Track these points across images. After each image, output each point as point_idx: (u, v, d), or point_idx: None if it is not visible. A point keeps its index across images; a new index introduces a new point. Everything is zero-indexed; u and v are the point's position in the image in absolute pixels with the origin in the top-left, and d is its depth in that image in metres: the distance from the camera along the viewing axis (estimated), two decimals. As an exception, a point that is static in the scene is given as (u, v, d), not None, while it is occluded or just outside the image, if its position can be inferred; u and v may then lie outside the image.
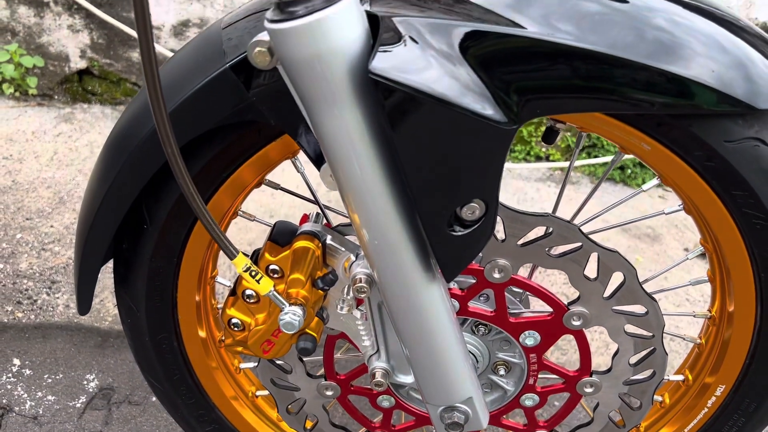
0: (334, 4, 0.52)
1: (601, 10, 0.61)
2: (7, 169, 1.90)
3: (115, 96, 2.23)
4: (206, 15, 2.06)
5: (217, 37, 0.69)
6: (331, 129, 0.58)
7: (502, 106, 0.57)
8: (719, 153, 0.66)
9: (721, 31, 0.63)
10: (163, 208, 0.76)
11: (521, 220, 0.71)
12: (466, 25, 0.57)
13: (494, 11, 0.59)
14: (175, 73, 0.69)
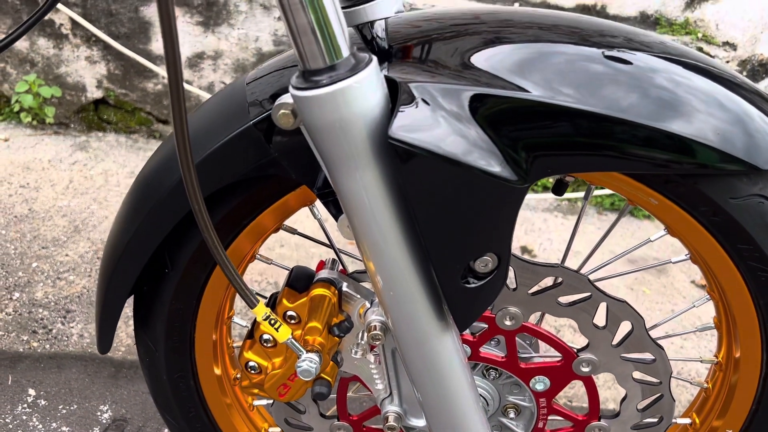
0: (357, 74, 0.55)
1: (604, 72, 0.64)
2: (24, 197, 1.93)
3: (130, 125, 2.27)
4: (221, 47, 2.11)
5: (242, 92, 0.72)
6: (351, 187, 0.60)
7: (512, 164, 0.60)
8: (724, 209, 0.68)
9: (720, 89, 0.65)
10: (185, 254, 0.79)
11: (532, 270, 0.73)
12: (474, 90, 0.60)
13: (500, 76, 0.61)
14: (201, 126, 0.72)
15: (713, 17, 2.16)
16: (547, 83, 0.61)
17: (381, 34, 0.70)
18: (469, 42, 0.66)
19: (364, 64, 0.56)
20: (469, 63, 0.63)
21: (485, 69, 0.62)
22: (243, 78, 0.75)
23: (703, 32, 2.17)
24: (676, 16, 2.16)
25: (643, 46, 0.67)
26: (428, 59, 0.64)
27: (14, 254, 1.72)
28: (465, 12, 0.71)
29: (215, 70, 2.16)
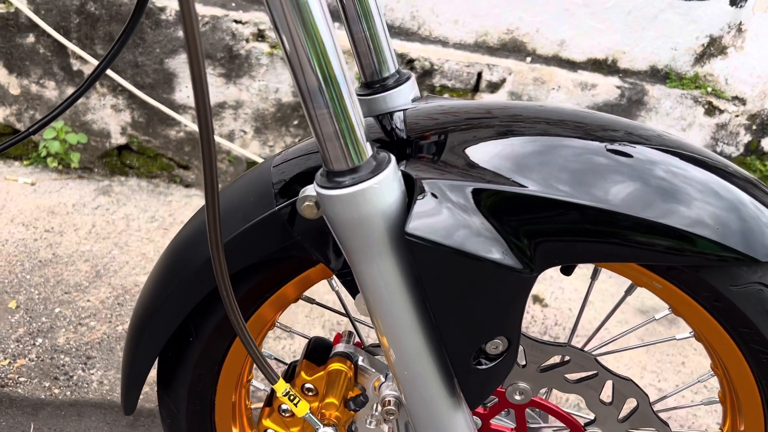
0: (378, 175, 0.59)
1: (607, 165, 0.67)
2: (49, 241, 1.99)
3: (151, 170, 2.34)
4: (242, 98, 2.18)
5: (269, 175, 0.77)
6: (368, 273, 0.64)
7: (517, 252, 0.64)
8: (725, 296, 0.71)
9: (714, 179, 0.69)
10: (209, 324, 0.83)
11: (540, 349, 0.77)
12: (478, 185, 0.64)
13: (501, 173, 0.65)
14: (230, 207, 0.76)
15: (722, 72, 2.20)
16: (545, 178, 0.65)
17: (400, 126, 0.75)
18: (480, 136, 0.71)
19: (384, 165, 0.61)
20: (477, 159, 0.67)
21: (490, 165, 0.66)
22: (270, 161, 0.80)
23: (712, 87, 2.21)
24: (685, 70, 2.21)
25: (643, 139, 0.71)
26: (442, 155, 0.68)
27: (38, 299, 1.77)
28: (479, 106, 0.75)
29: (236, 119, 2.23)
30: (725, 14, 2.11)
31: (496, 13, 2.14)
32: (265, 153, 2.30)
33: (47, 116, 0.92)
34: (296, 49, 0.55)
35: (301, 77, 0.57)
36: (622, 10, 2.11)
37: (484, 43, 2.19)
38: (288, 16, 0.53)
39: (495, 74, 2.14)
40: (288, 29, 0.54)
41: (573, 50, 2.19)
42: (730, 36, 2.14)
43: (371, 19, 0.79)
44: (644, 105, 2.18)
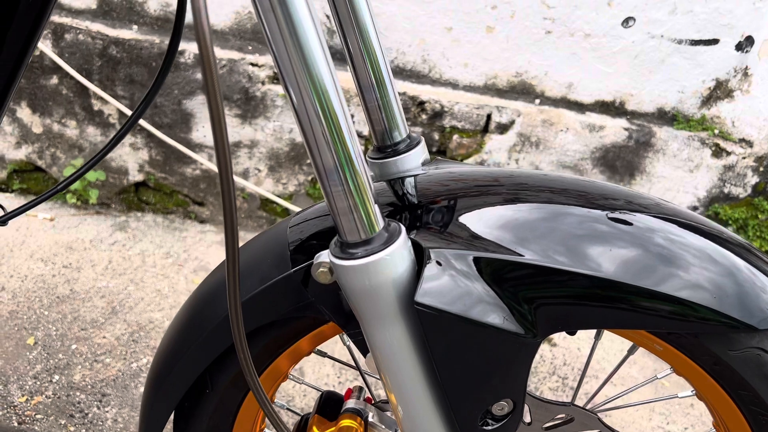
0: (389, 246, 0.63)
1: (608, 233, 0.70)
2: (67, 277, 2.04)
3: (167, 206, 2.39)
4: (257, 137, 2.23)
5: (284, 236, 0.80)
6: (378, 336, 0.67)
7: (519, 319, 0.67)
8: (724, 360, 0.73)
9: (710, 245, 0.71)
10: (225, 377, 0.86)
11: (545, 408, 0.79)
12: (480, 255, 0.67)
13: (502, 243, 0.68)
14: (248, 267, 0.80)
15: (729, 115, 2.24)
16: (544, 246, 0.68)
17: (411, 191, 0.79)
18: (488, 203, 0.74)
19: (396, 236, 0.64)
20: (482, 227, 0.70)
21: (494, 233, 0.69)
22: (287, 221, 0.84)
23: (719, 129, 2.24)
24: (692, 112, 2.25)
25: (642, 207, 0.74)
26: (449, 223, 0.72)
27: (55, 336, 1.81)
28: (486, 174, 0.79)
29: (251, 157, 2.28)
30: (731, 59, 2.15)
31: (505, 57, 2.19)
32: (278, 191, 2.34)
33: (82, 168, 0.97)
34: (314, 133, 0.59)
35: (318, 158, 0.61)
36: (629, 54, 2.15)
37: (494, 86, 2.24)
38: (307, 104, 0.57)
39: (504, 116, 2.19)
40: (307, 117, 0.58)
41: (581, 92, 2.23)
42: (736, 80, 2.18)
43: (384, 87, 0.83)
44: (652, 147, 2.22)
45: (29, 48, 0.74)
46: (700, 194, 2.29)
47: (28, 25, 0.71)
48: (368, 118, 0.86)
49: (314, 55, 0.56)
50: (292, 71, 0.56)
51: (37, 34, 0.74)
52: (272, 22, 0.55)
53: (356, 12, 0.79)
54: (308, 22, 0.55)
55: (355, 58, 0.81)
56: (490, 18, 2.12)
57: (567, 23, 2.11)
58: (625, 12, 2.09)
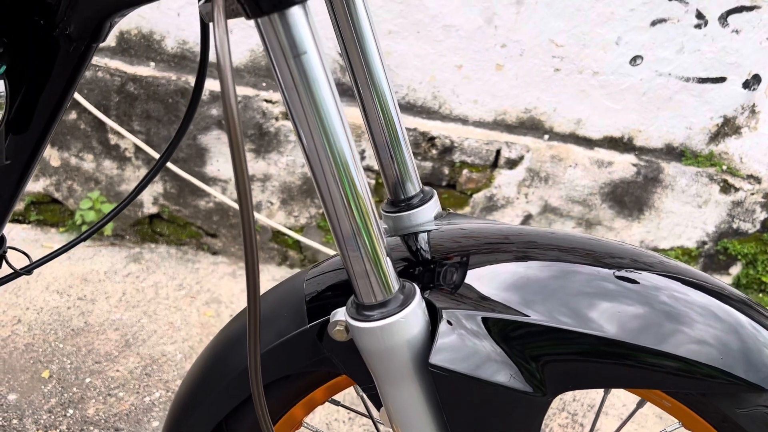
0: (404, 309, 0.65)
1: (615, 291, 0.72)
2: (81, 310, 2.07)
3: (181, 237, 2.42)
4: (270, 171, 2.27)
5: (301, 289, 0.83)
6: (392, 394, 0.69)
7: (528, 377, 0.68)
8: (731, 418, 0.75)
9: (714, 302, 0.73)
10: (242, 426, 0.88)
11: (556, 461, 0.80)
12: (489, 315, 0.69)
13: (511, 301, 0.71)
14: (264, 321, 0.82)
15: (737, 151, 2.26)
16: (551, 306, 0.70)
17: (425, 247, 0.81)
18: (499, 260, 0.77)
19: (410, 298, 0.66)
20: (492, 286, 0.72)
21: (503, 292, 0.71)
22: (304, 273, 0.86)
23: (727, 165, 2.26)
24: (700, 148, 2.27)
25: (647, 266, 0.76)
26: (461, 282, 0.74)
27: (70, 369, 1.83)
28: (497, 231, 0.81)
29: (264, 191, 2.32)
30: (738, 96, 2.17)
31: (514, 94, 2.22)
32: (290, 223, 2.37)
33: (110, 213, 1.00)
34: (333, 202, 0.62)
35: (336, 225, 0.63)
36: (636, 91, 2.18)
37: (503, 121, 2.28)
38: (327, 176, 0.60)
39: (513, 151, 2.21)
40: (327, 187, 0.61)
41: (589, 128, 2.26)
42: (743, 117, 2.20)
43: (398, 145, 0.86)
44: (660, 182, 2.23)
45: (65, 99, 0.77)
46: (709, 229, 2.30)
47: (65, 77, 0.75)
48: (383, 173, 0.89)
49: (335, 130, 0.59)
50: (314, 144, 0.59)
51: (74, 86, 0.77)
52: (296, 100, 0.58)
53: (372, 74, 0.82)
54: (329, 98, 0.58)
55: (371, 118, 0.84)
56: (500, 56, 2.16)
57: (575, 61, 2.15)
58: (632, 51, 2.12)
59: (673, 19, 2.07)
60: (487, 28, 2.12)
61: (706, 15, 2.06)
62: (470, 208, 2.31)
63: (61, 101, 0.77)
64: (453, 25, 2.11)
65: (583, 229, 2.32)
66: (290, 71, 0.57)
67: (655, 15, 2.07)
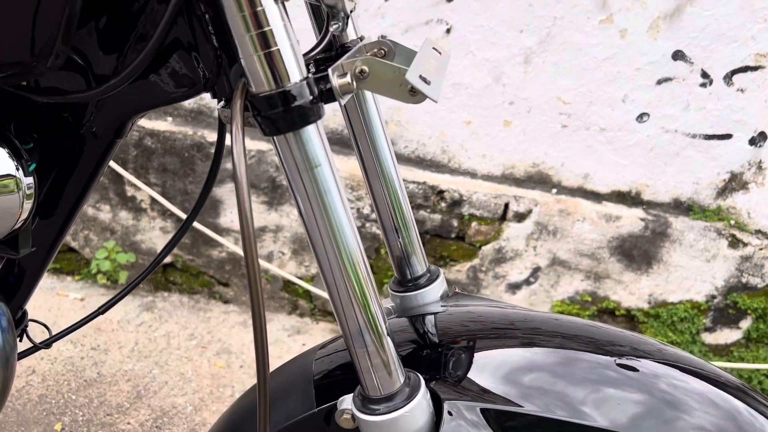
0: (410, 402, 0.68)
1: (616, 379, 0.74)
2: (94, 360, 2.09)
3: (193, 286, 2.46)
4: (281, 223, 2.31)
5: (310, 370, 0.85)
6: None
7: None
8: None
9: (711, 389, 0.75)
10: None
11: None
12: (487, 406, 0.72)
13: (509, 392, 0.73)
14: (272, 400, 0.85)
15: (745, 206, 2.27)
16: (549, 396, 0.72)
17: (432, 330, 0.84)
18: (504, 345, 0.79)
19: (416, 391, 0.69)
20: (495, 379, 0.74)
21: (501, 388, 0.73)
22: (312, 354, 0.89)
23: (735, 219, 2.28)
24: (708, 203, 2.29)
25: (646, 354, 0.78)
26: (467, 371, 0.76)
27: (82, 421, 1.85)
28: (503, 316, 0.84)
29: (275, 241, 2.35)
30: (745, 152, 2.20)
31: (522, 149, 2.26)
32: (301, 273, 2.40)
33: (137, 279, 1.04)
34: (342, 304, 0.65)
35: (345, 321, 0.66)
36: (644, 147, 2.21)
37: (511, 175, 2.31)
38: (336, 276, 0.63)
39: (522, 205, 2.24)
40: (336, 285, 0.64)
41: (597, 182, 2.29)
42: (750, 173, 2.23)
43: (406, 227, 0.89)
44: (668, 237, 2.25)
45: (89, 188, 0.81)
46: (717, 283, 2.31)
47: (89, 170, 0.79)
48: (390, 252, 0.92)
49: (346, 237, 0.62)
50: (324, 249, 0.63)
51: (97, 177, 0.81)
52: (308, 209, 0.61)
53: (381, 162, 0.86)
54: (340, 207, 0.62)
55: (380, 204, 0.88)
56: (508, 113, 2.20)
57: (582, 118, 2.19)
58: (639, 108, 2.16)
59: (679, 78, 2.11)
60: (496, 86, 2.17)
61: (711, 74, 2.10)
62: (479, 260, 2.33)
63: (84, 191, 0.81)
64: (462, 83, 2.17)
65: (592, 282, 2.34)
66: (304, 183, 0.61)
67: (661, 74, 2.11)
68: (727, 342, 2.39)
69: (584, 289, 2.35)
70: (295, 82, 0.58)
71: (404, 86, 0.62)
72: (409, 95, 0.62)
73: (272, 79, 0.57)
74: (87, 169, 0.78)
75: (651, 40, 2.07)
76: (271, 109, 0.58)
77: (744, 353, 2.38)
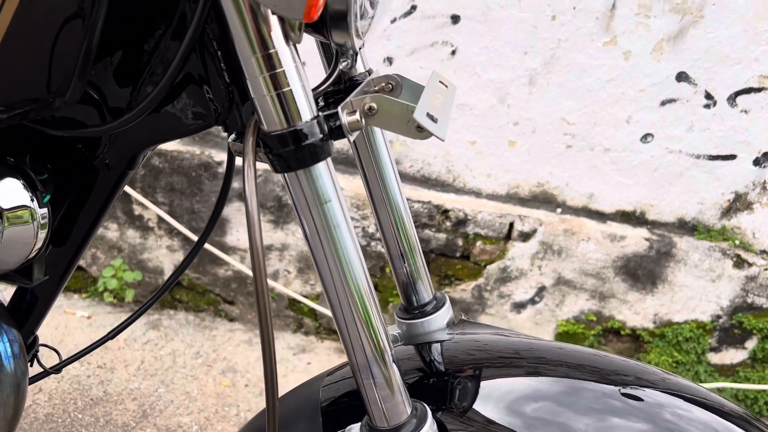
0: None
1: (620, 409, 0.75)
2: (101, 378, 2.10)
3: (199, 304, 2.47)
4: (287, 241, 2.32)
5: (317, 397, 0.86)
6: None
7: None
8: None
9: (715, 418, 0.76)
10: None
11: None
12: None
13: (512, 429, 0.74)
14: (279, 427, 0.85)
15: (749, 226, 2.28)
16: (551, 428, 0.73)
17: (438, 358, 0.84)
18: (510, 374, 0.80)
19: (423, 423, 0.69)
20: (500, 410, 0.75)
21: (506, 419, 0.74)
22: (320, 381, 0.90)
23: (740, 239, 2.28)
24: (713, 223, 2.29)
25: (650, 383, 0.79)
26: (472, 403, 0.77)
27: (87, 441, 1.86)
28: (508, 345, 0.85)
29: (281, 260, 2.37)
30: (749, 173, 2.21)
31: (527, 168, 2.27)
32: (306, 291, 2.41)
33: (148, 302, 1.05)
34: (351, 337, 0.66)
35: (353, 355, 0.67)
36: (648, 167, 2.22)
37: (516, 195, 2.32)
38: (346, 315, 0.65)
39: (526, 225, 2.25)
40: (344, 319, 0.65)
41: (602, 202, 2.30)
42: (755, 193, 2.23)
43: (413, 256, 0.90)
44: (673, 257, 2.25)
45: (101, 218, 0.83)
46: (723, 303, 2.31)
47: (101, 200, 0.80)
48: (396, 280, 0.93)
49: (355, 271, 0.63)
50: (333, 282, 0.64)
51: (109, 207, 0.83)
52: (317, 243, 0.63)
53: (387, 189, 0.87)
54: (349, 241, 0.63)
55: (387, 231, 0.89)
56: (512, 133, 2.22)
57: (587, 138, 2.20)
58: (643, 129, 2.17)
59: (683, 99, 2.12)
60: (500, 107, 2.19)
61: (714, 96, 2.11)
62: (484, 279, 2.34)
63: (97, 220, 0.82)
64: (467, 104, 2.18)
65: (597, 301, 2.34)
66: (314, 218, 0.62)
67: (665, 95, 2.12)
68: (732, 362, 2.39)
69: (589, 308, 2.35)
70: (306, 120, 0.59)
71: (412, 123, 0.63)
72: (416, 132, 0.63)
73: (284, 118, 0.59)
74: (99, 199, 0.80)
75: (655, 62, 2.09)
76: (283, 148, 0.59)
77: (750, 373, 2.37)
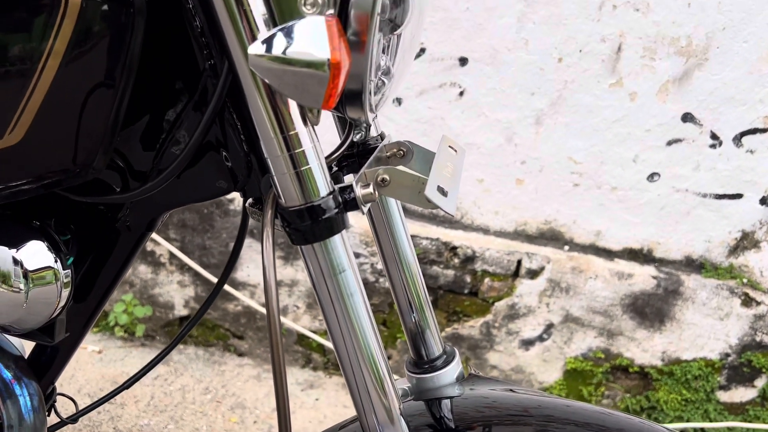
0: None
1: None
2: (111, 414, 2.12)
3: (209, 339, 2.49)
4: (297, 277, 2.35)
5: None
6: None
7: None
8: None
9: None
10: None
11: None
12: None
13: None
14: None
15: (757, 264, 2.28)
16: None
17: (448, 415, 0.86)
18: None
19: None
20: None
21: None
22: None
23: (748, 278, 2.29)
24: (720, 261, 2.30)
25: None
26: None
27: (97, 479, 1.86)
28: (516, 403, 0.86)
29: (290, 295, 2.39)
30: (756, 212, 2.22)
31: (534, 206, 2.30)
32: (315, 326, 2.43)
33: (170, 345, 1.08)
34: (363, 404, 0.68)
35: (363, 416, 0.69)
36: (655, 206, 2.24)
37: (524, 232, 2.34)
38: (359, 382, 0.67)
39: (534, 262, 2.27)
40: (359, 393, 0.67)
41: (609, 240, 2.31)
42: (762, 231, 2.24)
43: (423, 310, 0.92)
44: (681, 295, 2.26)
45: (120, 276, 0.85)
46: (732, 341, 2.31)
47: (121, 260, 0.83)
48: (406, 334, 0.95)
49: (369, 340, 0.66)
50: (347, 352, 0.66)
51: (128, 266, 0.86)
52: (331, 313, 0.65)
53: (399, 248, 0.90)
54: (363, 310, 0.65)
55: (397, 287, 0.91)
56: (520, 171, 2.25)
57: (594, 177, 2.23)
58: (650, 168, 2.20)
59: (689, 139, 2.15)
60: (508, 146, 2.22)
61: (720, 136, 2.14)
62: (492, 315, 2.35)
63: (117, 278, 0.85)
64: (474, 143, 2.22)
65: (605, 339, 2.34)
66: (328, 288, 0.64)
67: (671, 135, 2.15)
68: (742, 400, 2.38)
69: (597, 346, 2.35)
70: (322, 196, 0.62)
71: (423, 194, 0.66)
72: (427, 202, 0.66)
73: (301, 195, 0.62)
74: (120, 259, 0.83)
75: (660, 103, 2.12)
76: (301, 222, 0.62)
77: (760, 412, 2.36)
